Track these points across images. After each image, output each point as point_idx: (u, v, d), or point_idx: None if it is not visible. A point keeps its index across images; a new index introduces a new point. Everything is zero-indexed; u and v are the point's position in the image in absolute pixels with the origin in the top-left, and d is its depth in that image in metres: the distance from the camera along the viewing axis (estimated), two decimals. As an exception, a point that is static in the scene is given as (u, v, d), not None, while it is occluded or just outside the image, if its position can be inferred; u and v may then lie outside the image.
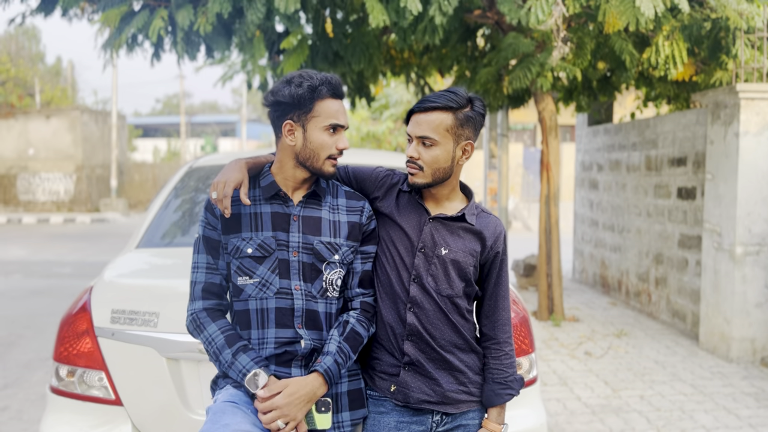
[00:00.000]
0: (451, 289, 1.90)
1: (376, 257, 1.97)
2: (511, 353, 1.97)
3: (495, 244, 1.95)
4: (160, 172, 25.20)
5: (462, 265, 1.90)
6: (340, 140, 1.88)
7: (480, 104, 1.90)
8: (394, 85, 18.49)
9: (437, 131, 1.85)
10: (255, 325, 1.87)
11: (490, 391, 1.95)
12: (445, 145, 1.86)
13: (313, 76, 1.85)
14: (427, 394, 1.90)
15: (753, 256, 5.18)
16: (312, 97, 1.83)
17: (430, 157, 1.86)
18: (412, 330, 1.89)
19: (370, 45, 5.84)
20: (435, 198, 1.95)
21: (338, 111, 1.88)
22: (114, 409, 2.20)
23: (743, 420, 4.04)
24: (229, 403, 1.81)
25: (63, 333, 2.27)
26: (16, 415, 4.15)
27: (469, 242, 1.93)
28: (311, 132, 1.85)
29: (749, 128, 5.11)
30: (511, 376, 1.96)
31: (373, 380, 1.94)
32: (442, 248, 1.90)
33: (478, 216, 1.96)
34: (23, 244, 13.63)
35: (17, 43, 28.88)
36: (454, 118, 1.86)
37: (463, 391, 1.93)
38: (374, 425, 1.93)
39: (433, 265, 1.89)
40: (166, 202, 3.02)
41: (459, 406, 1.93)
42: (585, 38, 5.48)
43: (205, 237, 1.92)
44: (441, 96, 1.86)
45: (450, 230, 1.92)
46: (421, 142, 1.87)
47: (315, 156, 1.86)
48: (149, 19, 4.90)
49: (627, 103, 10.86)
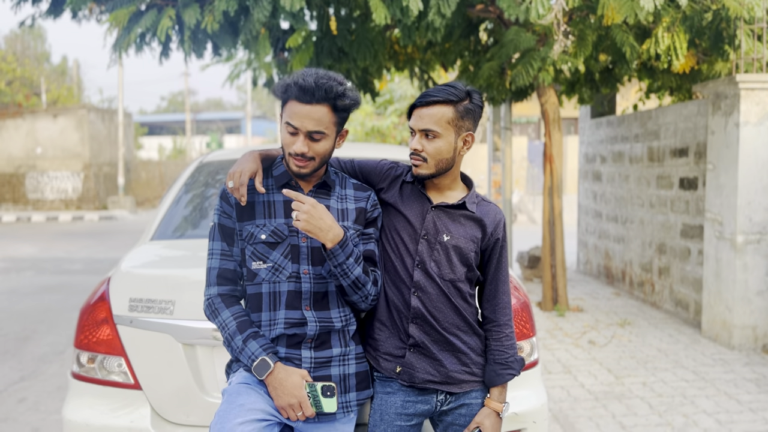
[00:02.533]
0: (453, 273, 1.99)
1: (383, 246, 2.05)
2: (511, 335, 2.06)
3: (495, 231, 2.03)
4: (167, 170, 25.37)
5: (464, 250, 1.99)
6: (295, 143, 1.89)
7: (478, 97, 1.99)
8: (398, 80, 18.55)
9: (439, 124, 1.93)
10: (267, 308, 1.96)
11: (491, 372, 2.03)
12: (447, 136, 1.94)
13: (295, 75, 1.89)
14: (431, 374, 1.98)
15: (754, 244, 5.24)
16: (284, 96, 1.91)
17: (433, 148, 1.94)
18: (417, 313, 1.98)
19: (374, 41, 5.92)
20: (437, 188, 2.04)
21: (297, 113, 1.86)
22: (133, 393, 2.30)
23: (744, 405, 4.12)
24: (243, 385, 1.91)
25: (83, 321, 2.36)
26: (33, 405, 4.27)
27: (470, 229, 2.01)
28: (282, 127, 1.95)
29: (749, 118, 5.17)
30: (512, 356, 2.04)
31: (378, 362, 2.03)
32: (444, 235, 1.98)
33: (478, 204, 2.05)
34: (33, 241, 13.78)
35: (23, 42, 29.05)
36: (454, 111, 1.94)
37: (466, 371, 2.01)
38: (382, 405, 2.02)
39: (436, 250, 1.98)
40: (177, 196, 3.11)
41: (462, 386, 2.02)
42: (586, 31, 5.54)
43: (220, 225, 2.01)
44: (441, 90, 1.94)
45: (452, 218, 2.01)
46: (424, 135, 1.95)
47: (285, 151, 1.96)
48: (157, 18, 4.98)
49: (630, 95, 10.90)
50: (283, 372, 1.88)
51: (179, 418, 2.28)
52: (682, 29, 5.20)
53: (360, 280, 1.93)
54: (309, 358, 1.95)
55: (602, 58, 6.40)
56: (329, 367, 1.97)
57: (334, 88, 1.88)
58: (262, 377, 1.88)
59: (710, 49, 5.66)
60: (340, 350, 1.99)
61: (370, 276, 1.97)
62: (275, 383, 1.88)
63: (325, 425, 1.97)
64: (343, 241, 1.86)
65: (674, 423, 3.84)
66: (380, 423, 2.01)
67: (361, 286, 1.94)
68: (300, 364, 1.94)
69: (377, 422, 2.02)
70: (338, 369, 1.98)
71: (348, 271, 1.89)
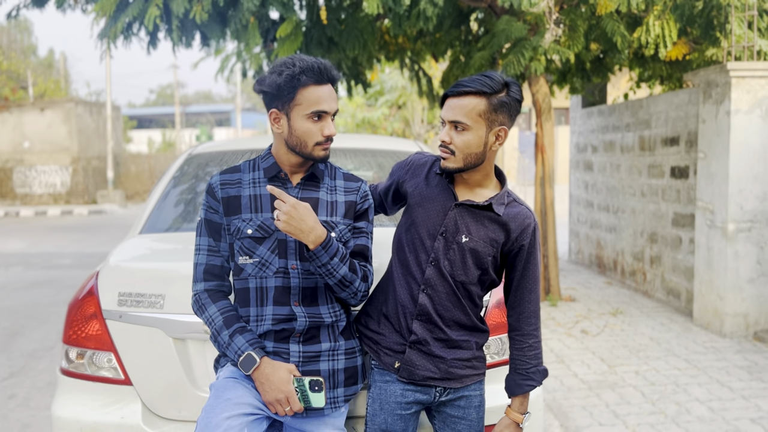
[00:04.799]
0: (466, 276, 1.91)
1: (399, 236, 1.99)
2: (535, 345, 1.99)
3: (520, 237, 1.92)
4: (157, 163, 25.18)
5: (480, 254, 1.90)
6: (326, 127, 1.87)
7: (516, 89, 1.85)
8: (389, 71, 18.47)
9: (469, 116, 1.81)
10: (254, 303, 1.93)
11: (511, 381, 1.98)
12: (478, 130, 1.82)
13: (295, 63, 1.84)
14: (431, 371, 1.93)
15: (745, 232, 5.26)
16: (293, 85, 1.82)
17: (462, 141, 1.83)
18: (423, 310, 1.92)
19: (365, 31, 5.87)
20: (467, 183, 1.93)
21: (321, 97, 1.85)
22: (124, 389, 2.26)
23: (736, 392, 4.14)
24: (230, 379, 1.89)
25: (71, 317, 2.32)
26: (23, 402, 4.22)
27: (493, 232, 1.90)
28: (295, 120, 1.86)
29: (740, 106, 5.17)
30: (534, 367, 1.98)
31: (379, 355, 1.98)
32: (463, 236, 1.89)
33: (508, 205, 1.92)
34: (22, 236, 13.65)
35: (9, 35, 28.72)
36: (487, 103, 1.81)
37: (467, 366, 1.97)
38: (381, 394, 1.97)
39: (452, 250, 1.90)
40: (166, 189, 3.06)
41: (463, 380, 1.97)
42: (577, 20, 5.51)
43: (206, 220, 1.97)
44: (475, 80, 1.82)
45: (475, 218, 1.91)
46: (453, 127, 1.84)
47: (302, 143, 1.88)
48: (144, 6, 4.91)
49: (621, 85, 10.90)
50: (269, 367, 1.86)
51: (171, 414, 2.25)
52: (673, 17, 5.18)
53: (347, 279, 1.87)
54: (297, 352, 1.92)
55: (593, 47, 6.39)
56: (318, 362, 1.94)
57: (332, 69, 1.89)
58: (249, 372, 1.85)
59: (701, 37, 5.65)
60: (329, 345, 1.96)
61: (358, 273, 1.92)
62: (262, 378, 1.85)
63: (313, 420, 1.95)
64: (325, 242, 1.81)
65: (667, 411, 3.85)
66: (380, 412, 1.97)
67: (348, 284, 1.89)
68: (288, 359, 1.92)
69: (377, 411, 1.98)
70: (327, 364, 1.95)
71: (333, 271, 1.84)
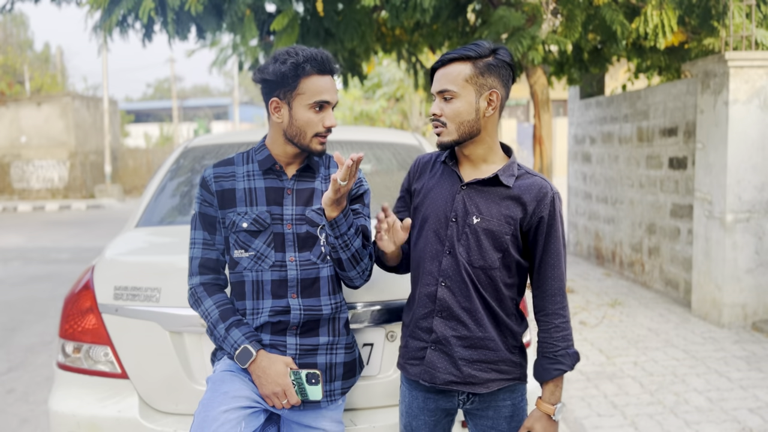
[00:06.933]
0: (484, 260, 1.78)
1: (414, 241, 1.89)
2: (562, 326, 1.81)
3: (538, 209, 1.77)
4: (154, 157, 25.13)
5: (496, 234, 1.76)
6: (327, 117, 1.87)
7: (504, 53, 1.77)
8: (387, 64, 18.42)
9: (456, 82, 1.74)
10: (250, 296, 1.92)
11: (539, 366, 1.82)
12: (466, 96, 1.74)
13: (298, 52, 1.84)
14: (453, 374, 1.81)
15: (743, 223, 5.25)
16: (296, 74, 1.82)
17: (451, 110, 1.75)
18: (443, 305, 1.80)
19: (362, 22, 5.85)
20: (470, 160, 1.83)
21: (324, 87, 1.85)
22: (120, 383, 2.26)
23: (734, 382, 4.14)
24: (227, 372, 1.88)
25: (67, 311, 2.31)
26: (22, 396, 4.22)
27: (506, 208, 1.77)
28: (296, 110, 1.85)
29: (738, 96, 5.15)
30: (562, 350, 1.80)
31: (406, 369, 1.90)
32: (473, 217, 1.77)
33: (519, 177, 1.80)
34: (20, 231, 13.64)
35: (5, 30, 28.60)
36: (473, 67, 1.74)
37: (493, 369, 1.82)
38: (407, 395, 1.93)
39: (465, 234, 1.78)
40: (162, 183, 3.05)
41: (488, 385, 1.82)
42: (575, 10, 5.49)
43: (201, 213, 1.96)
44: (460, 48, 1.77)
45: (484, 196, 1.79)
46: (442, 98, 1.77)
47: (302, 133, 1.87)
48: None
49: (619, 76, 10.87)
50: (266, 360, 1.85)
51: (168, 407, 2.24)
52: (671, 6, 5.16)
53: (359, 253, 1.88)
54: (294, 345, 1.92)
55: (591, 38, 6.36)
56: (315, 355, 1.93)
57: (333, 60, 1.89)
58: (245, 365, 1.85)
59: (699, 27, 5.63)
60: (327, 339, 1.95)
61: (367, 249, 1.92)
62: (258, 371, 1.85)
63: (310, 413, 1.95)
64: (345, 210, 1.81)
65: (665, 401, 3.86)
66: (405, 415, 1.94)
67: (360, 259, 1.89)
68: (285, 351, 1.91)
69: (403, 412, 1.95)
70: (325, 358, 1.94)
71: (349, 243, 1.84)
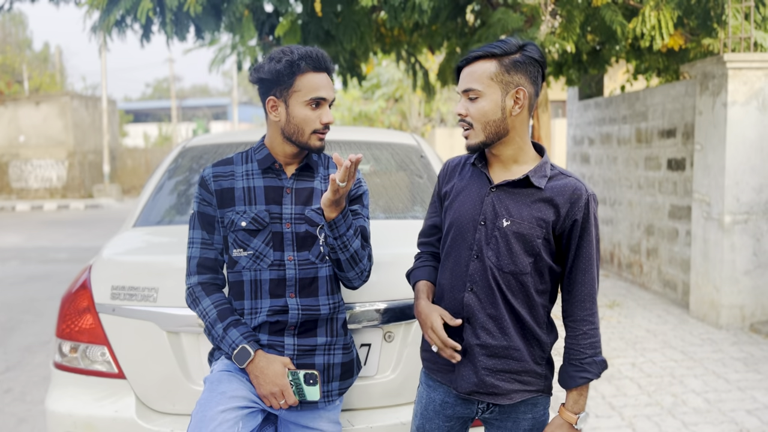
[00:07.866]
0: (515, 265, 1.70)
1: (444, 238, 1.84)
2: (590, 332, 1.74)
3: (571, 211, 1.69)
4: (153, 157, 25.11)
5: (527, 237, 1.69)
6: (324, 114, 1.88)
7: (533, 49, 1.70)
8: (386, 64, 18.42)
9: (480, 81, 1.68)
10: (248, 296, 1.92)
11: (564, 373, 1.76)
12: (491, 95, 1.68)
13: (293, 50, 1.85)
14: (475, 384, 1.75)
15: (741, 224, 5.26)
16: (291, 72, 1.83)
17: (477, 110, 1.69)
18: (469, 312, 1.74)
19: (361, 23, 5.85)
20: (501, 161, 1.76)
21: (320, 84, 1.86)
22: (117, 383, 2.25)
23: (732, 384, 4.14)
24: (225, 372, 1.88)
25: (64, 310, 2.31)
26: (19, 396, 4.22)
27: (538, 211, 1.70)
28: (293, 107, 1.86)
29: (737, 98, 5.16)
30: (589, 357, 1.73)
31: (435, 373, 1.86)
32: (503, 220, 1.70)
33: (552, 178, 1.72)
34: (18, 231, 13.62)
35: (4, 29, 28.58)
36: (498, 65, 1.68)
37: (516, 379, 1.75)
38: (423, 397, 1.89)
39: (494, 238, 1.71)
40: (160, 182, 3.05)
41: (512, 397, 1.75)
42: (574, 11, 5.49)
43: (200, 213, 1.96)
44: (485, 46, 1.71)
45: (515, 198, 1.71)
46: (467, 97, 1.71)
47: (300, 131, 1.87)
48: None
49: (617, 77, 10.87)
50: (264, 360, 1.85)
51: (165, 407, 2.24)
52: (669, 7, 5.16)
53: (358, 254, 1.89)
54: (292, 345, 1.91)
55: (590, 39, 6.36)
56: (313, 356, 1.93)
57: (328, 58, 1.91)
58: (243, 365, 1.85)
59: (698, 28, 5.63)
60: (325, 339, 1.95)
61: (366, 249, 1.93)
62: (256, 371, 1.84)
63: (308, 413, 1.94)
64: (345, 211, 1.82)
65: (663, 403, 3.86)
66: (419, 416, 1.89)
67: (359, 260, 1.90)
68: (283, 351, 1.91)
69: (418, 412, 1.89)
70: (323, 358, 1.94)
71: (348, 244, 1.85)
